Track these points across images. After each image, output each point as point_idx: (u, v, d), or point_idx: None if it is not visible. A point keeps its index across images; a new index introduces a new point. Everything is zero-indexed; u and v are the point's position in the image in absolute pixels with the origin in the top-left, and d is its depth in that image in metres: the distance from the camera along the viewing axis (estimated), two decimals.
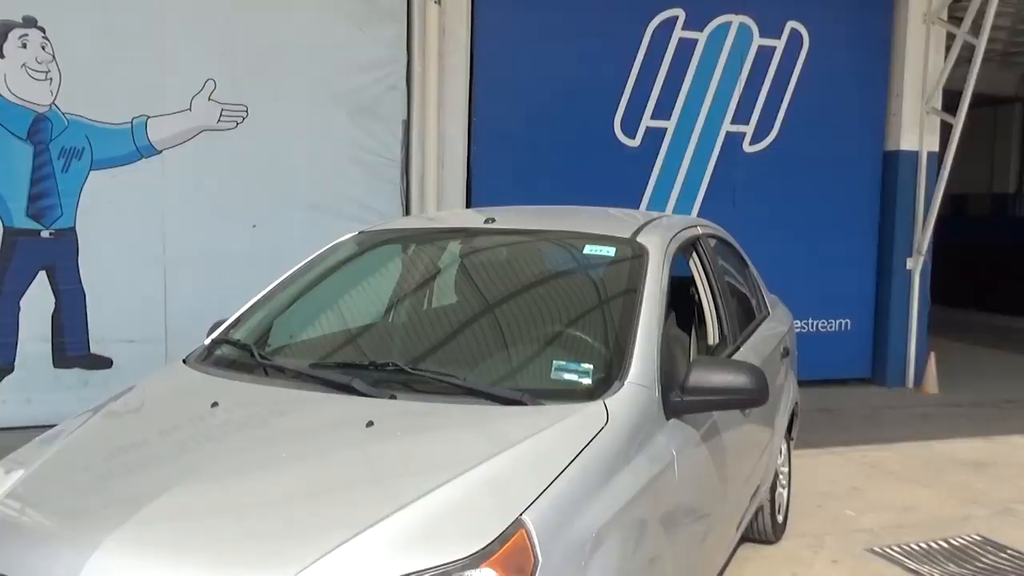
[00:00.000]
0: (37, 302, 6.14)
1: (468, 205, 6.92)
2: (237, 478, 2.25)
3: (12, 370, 6.12)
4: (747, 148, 7.81)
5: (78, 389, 6.16)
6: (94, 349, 6.29)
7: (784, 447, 4.52)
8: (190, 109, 6.31)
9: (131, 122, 6.20)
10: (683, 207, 7.58)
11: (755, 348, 3.83)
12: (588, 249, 3.24)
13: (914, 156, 8.17)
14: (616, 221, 3.67)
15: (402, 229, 3.98)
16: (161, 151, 6.27)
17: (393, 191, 6.84)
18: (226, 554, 1.91)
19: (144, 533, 1.97)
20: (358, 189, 6.70)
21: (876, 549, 4.37)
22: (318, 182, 6.62)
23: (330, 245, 3.62)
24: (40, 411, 5.80)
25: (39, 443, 2.61)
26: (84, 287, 6.22)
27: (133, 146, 6.22)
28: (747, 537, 4.25)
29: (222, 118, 6.39)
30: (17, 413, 6.00)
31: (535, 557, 1.95)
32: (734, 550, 3.96)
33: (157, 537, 1.96)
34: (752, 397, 2.75)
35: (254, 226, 6.49)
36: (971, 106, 7.85)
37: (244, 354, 3.02)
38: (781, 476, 4.47)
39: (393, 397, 2.58)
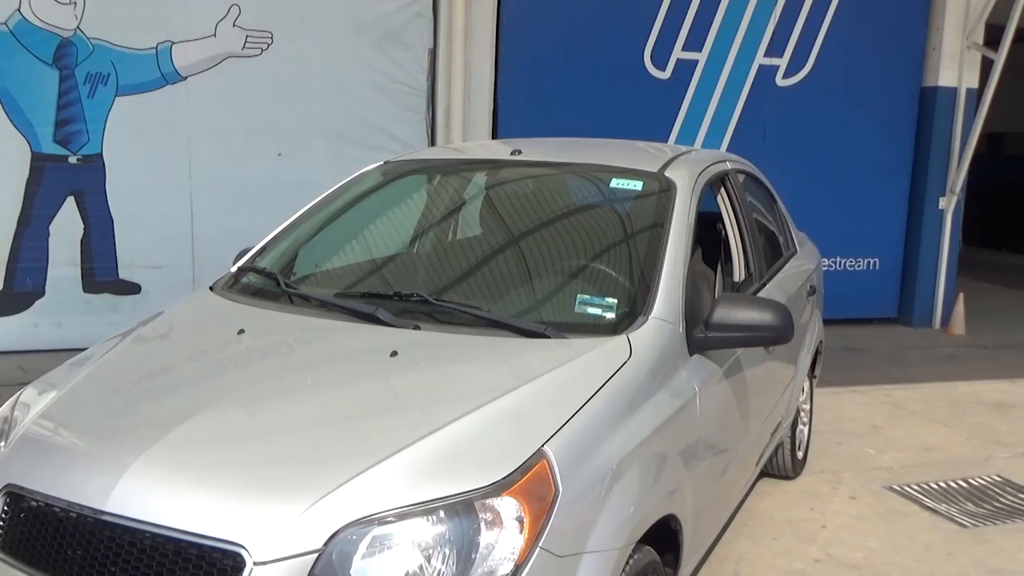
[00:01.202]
0: (66, 228, 6.20)
1: (494, 136, 6.85)
2: (262, 404, 2.29)
3: (43, 294, 6.22)
4: (780, 82, 7.63)
5: (107, 314, 6.25)
6: (122, 275, 6.37)
7: (807, 385, 4.52)
8: (215, 35, 6.26)
9: (156, 48, 6.16)
10: (712, 142, 7.46)
11: (781, 286, 3.80)
12: (615, 183, 3.20)
13: (952, 92, 7.96)
14: (644, 155, 3.61)
15: (427, 160, 3.95)
16: (186, 77, 6.24)
17: (418, 121, 6.78)
18: (251, 478, 1.95)
19: (172, 455, 2.01)
20: (383, 118, 6.65)
21: (895, 487, 4.39)
22: (343, 111, 6.57)
23: (355, 175, 3.61)
24: (71, 335, 5.92)
25: (70, 366, 2.66)
26: (112, 213, 6.27)
27: (158, 72, 6.19)
28: (766, 472, 4.29)
29: (247, 44, 6.32)
30: (48, 336, 6.12)
31: (555, 487, 1.97)
32: (753, 485, 3.99)
33: (185, 460, 2.01)
34: (776, 335, 2.73)
35: (279, 154, 6.48)
36: (1014, 41, 7.60)
37: (270, 282, 3.04)
38: (803, 413, 4.49)
39: (417, 328, 2.59)
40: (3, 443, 2.26)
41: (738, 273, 3.53)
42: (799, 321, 3.70)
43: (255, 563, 1.77)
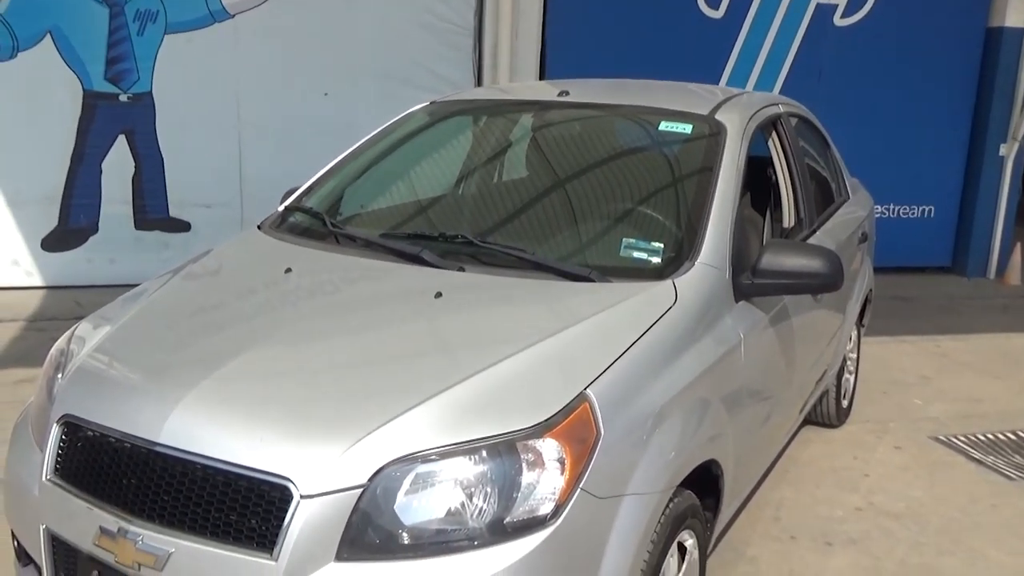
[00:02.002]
0: (118, 166, 6.30)
1: (541, 77, 6.75)
2: (309, 342, 2.32)
3: (97, 231, 6.34)
4: (838, 22, 7.38)
5: (159, 251, 6.37)
6: (173, 213, 6.47)
7: (854, 333, 4.46)
8: None
9: None
10: (765, 84, 7.27)
11: (832, 232, 3.73)
12: (664, 125, 3.14)
13: (1019, 34, 7.62)
14: (694, 97, 3.54)
15: (474, 100, 3.91)
16: (234, 15, 6.23)
17: (465, 61, 6.70)
18: (298, 414, 1.99)
19: (222, 390, 2.05)
20: (430, 58, 6.59)
21: (941, 438, 4.34)
22: (390, 50, 6.52)
23: (401, 115, 3.60)
24: (123, 271, 6.06)
25: (123, 301, 2.72)
26: (162, 151, 6.35)
27: (206, 9, 6.19)
28: (810, 420, 4.26)
29: None
30: (102, 272, 6.26)
31: (597, 430, 1.99)
32: (796, 432, 3.98)
33: (234, 395, 2.05)
34: (825, 282, 2.69)
35: (326, 94, 6.47)
36: None
37: (316, 222, 3.07)
38: (849, 362, 4.44)
39: (462, 269, 2.59)
40: (60, 375, 2.33)
41: (787, 219, 3.46)
42: (849, 269, 3.64)
43: (302, 496, 1.81)
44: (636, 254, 2.67)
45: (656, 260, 2.64)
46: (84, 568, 2.02)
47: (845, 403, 4.45)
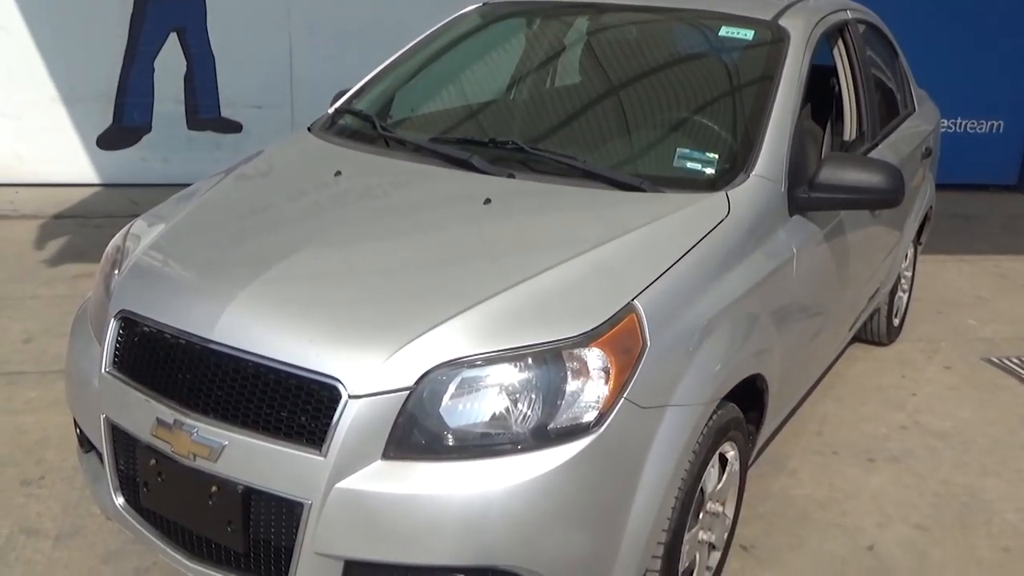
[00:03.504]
0: (170, 64, 6.30)
1: None
2: (358, 245, 2.33)
3: (150, 129, 6.40)
4: None
5: (211, 151, 6.42)
6: (224, 113, 6.49)
7: (911, 251, 4.37)
8: None
9: None
10: None
11: (894, 146, 3.61)
12: (724, 31, 3.03)
13: None
14: (756, 1, 3.39)
15: (527, 2, 3.80)
16: None
17: None
18: (348, 316, 2.01)
19: (274, 290, 2.08)
20: None
21: (993, 359, 4.27)
22: None
23: (453, 17, 3.52)
24: (176, 170, 6.13)
25: (176, 200, 2.75)
26: (213, 50, 6.32)
27: None
28: (859, 338, 4.22)
29: None
30: (155, 171, 6.35)
31: (643, 341, 1.98)
32: (844, 349, 3.95)
33: (286, 295, 2.08)
34: (885, 198, 2.62)
35: None
36: None
37: (366, 125, 3.05)
38: (903, 280, 4.35)
39: (511, 176, 2.57)
40: (116, 271, 2.38)
41: (849, 132, 3.36)
42: (910, 185, 3.53)
43: (350, 396, 1.84)
44: (689, 164, 2.61)
45: (710, 171, 2.58)
46: (143, 456, 2.10)
47: (896, 321, 4.38)
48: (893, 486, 3.16)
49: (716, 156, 2.62)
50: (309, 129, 3.13)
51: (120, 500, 2.21)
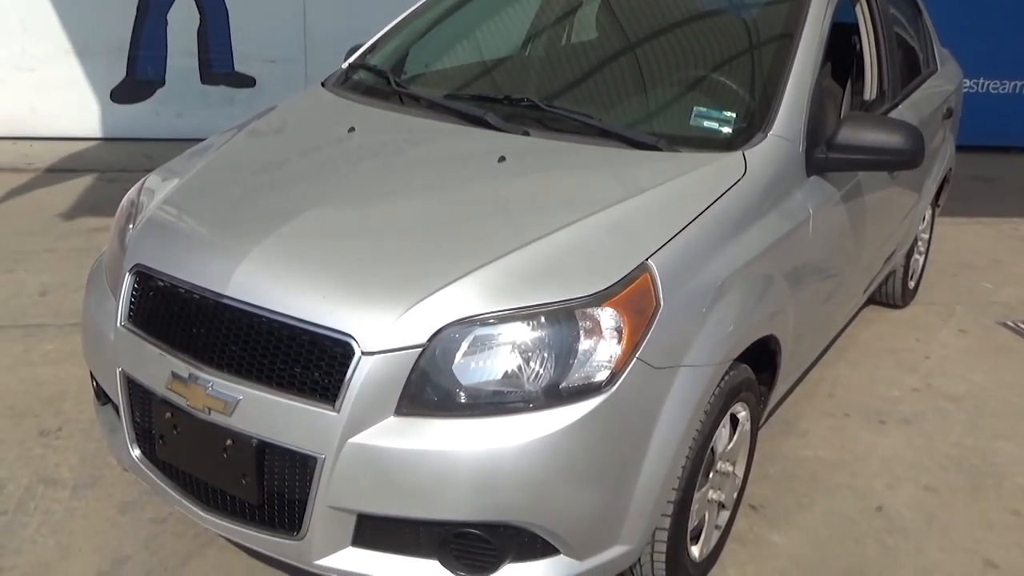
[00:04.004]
0: (182, 17, 6.25)
1: None
2: (371, 202, 2.32)
3: (163, 83, 6.38)
4: None
5: (224, 106, 6.40)
6: (238, 67, 6.45)
7: (929, 213, 4.32)
8: None
9: None
10: None
11: (915, 106, 3.56)
12: None
13: None
14: None
15: None
16: None
17: None
18: (361, 273, 2.01)
19: (287, 247, 2.08)
20: None
21: (1009, 323, 4.25)
22: None
23: None
24: (190, 124, 6.12)
25: (190, 155, 2.74)
26: (226, 3, 6.26)
27: None
28: (874, 300, 4.20)
29: None
30: (169, 125, 6.34)
31: (657, 301, 1.98)
32: (858, 311, 3.93)
33: (299, 252, 2.08)
34: (904, 159, 2.59)
35: None
36: None
37: (380, 80, 3.02)
38: (920, 243, 4.32)
39: (526, 133, 2.55)
40: (131, 225, 2.38)
41: (869, 91, 3.30)
42: (930, 146, 3.49)
43: (363, 352, 1.85)
44: (706, 123, 2.58)
45: (727, 130, 2.55)
46: (158, 410, 2.12)
47: (912, 284, 4.36)
48: (904, 448, 3.17)
49: (733, 115, 2.59)
50: (323, 84, 3.11)
51: (136, 452, 2.24)
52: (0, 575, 2.34)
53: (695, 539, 2.35)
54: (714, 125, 2.57)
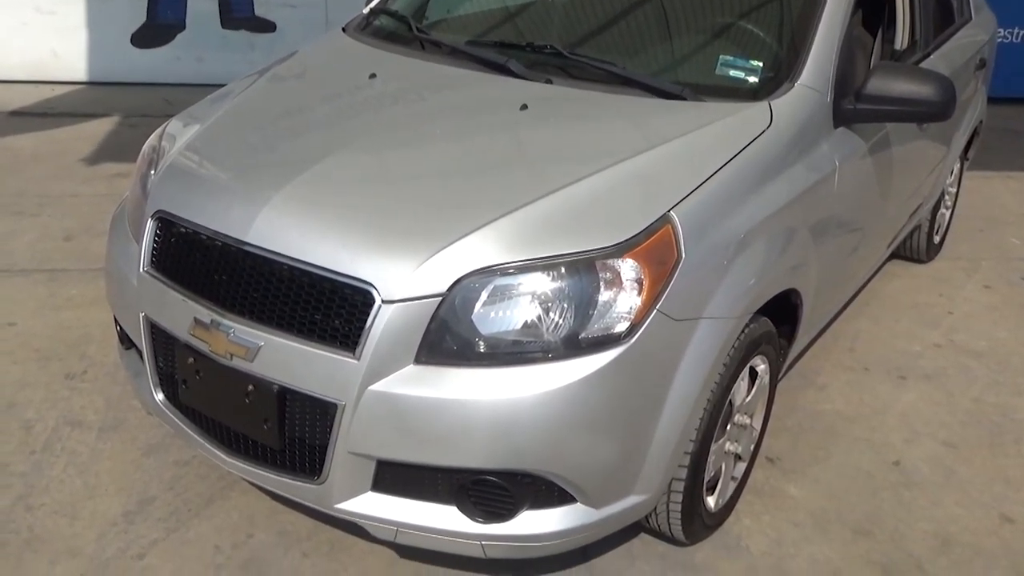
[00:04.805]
0: None
1: None
2: (392, 150, 2.31)
3: (184, 27, 6.33)
4: None
5: (245, 51, 6.35)
6: (258, 12, 6.39)
7: (957, 167, 4.25)
8: None
9: None
10: None
11: (947, 56, 3.48)
12: None
13: None
14: None
15: None
16: None
17: None
18: (382, 221, 2.01)
19: (308, 194, 2.08)
20: None
21: None
22: None
23: None
24: (210, 70, 6.09)
25: (211, 101, 2.73)
26: None
27: None
28: (898, 254, 4.15)
29: None
30: (189, 70, 6.31)
31: (678, 253, 1.96)
32: (881, 265, 3.89)
33: (320, 199, 2.07)
34: (934, 111, 2.53)
35: None
36: None
37: (402, 26, 2.98)
38: (947, 197, 4.25)
39: (549, 81, 2.51)
40: (153, 171, 2.39)
41: (900, 40, 3.23)
42: (961, 97, 3.41)
43: (383, 301, 1.86)
44: (732, 72, 2.53)
45: (753, 79, 2.51)
46: (181, 355, 2.14)
47: (937, 239, 4.30)
48: (923, 403, 3.16)
49: (760, 64, 2.54)
50: (344, 30, 3.07)
51: (160, 396, 2.27)
52: (30, 512, 2.40)
53: (711, 490, 2.37)
54: (740, 74, 2.53)
